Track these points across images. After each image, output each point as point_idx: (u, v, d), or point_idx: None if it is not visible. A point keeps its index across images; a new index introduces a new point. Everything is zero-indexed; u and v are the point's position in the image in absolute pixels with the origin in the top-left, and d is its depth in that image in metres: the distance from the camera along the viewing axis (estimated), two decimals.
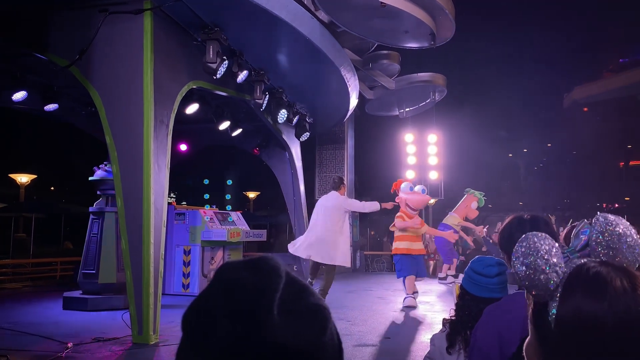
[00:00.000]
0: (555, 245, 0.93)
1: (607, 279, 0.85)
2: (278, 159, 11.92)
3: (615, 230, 0.94)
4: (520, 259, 0.92)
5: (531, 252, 0.91)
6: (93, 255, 7.52)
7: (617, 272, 0.86)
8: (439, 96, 13.82)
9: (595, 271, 0.87)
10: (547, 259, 0.90)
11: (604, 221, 0.95)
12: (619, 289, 0.83)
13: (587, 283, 0.86)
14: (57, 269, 12.80)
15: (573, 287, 0.88)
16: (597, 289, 0.85)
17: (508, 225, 2.27)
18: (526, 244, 0.93)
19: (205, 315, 0.60)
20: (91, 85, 5.71)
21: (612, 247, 0.93)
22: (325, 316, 0.63)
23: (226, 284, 0.60)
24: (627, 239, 0.93)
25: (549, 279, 0.89)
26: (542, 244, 0.92)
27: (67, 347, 5.01)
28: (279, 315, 0.58)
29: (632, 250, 0.93)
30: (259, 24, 6.80)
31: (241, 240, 9.56)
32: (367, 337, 5.75)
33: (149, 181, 5.44)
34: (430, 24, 8.44)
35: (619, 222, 0.96)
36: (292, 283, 0.63)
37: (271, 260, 0.63)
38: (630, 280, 0.85)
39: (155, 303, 5.43)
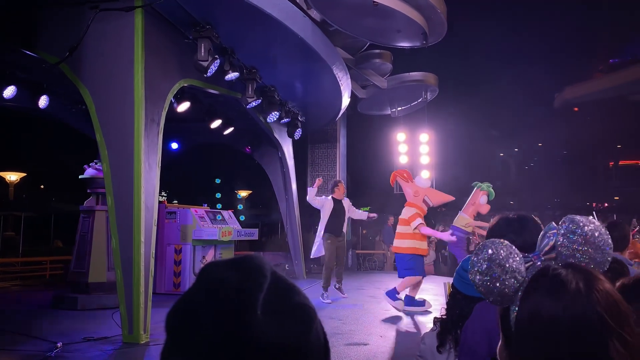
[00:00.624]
0: (514, 251, 0.93)
1: (564, 281, 0.86)
2: (270, 158, 11.89)
3: (582, 232, 0.93)
4: (477, 266, 0.93)
5: (488, 259, 0.92)
6: (83, 254, 7.47)
7: (577, 273, 0.87)
8: (430, 95, 13.85)
9: (555, 273, 0.88)
10: (503, 266, 0.91)
11: (570, 222, 0.95)
12: (574, 291, 0.84)
13: (545, 285, 0.87)
14: (47, 267, 12.71)
15: (532, 289, 0.89)
16: (554, 290, 0.86)
17: (496, 226, 2.27)
18: (484, 251, 0.94)
19: (189, 315, 0.59)
20: (81, 82, 5.67)
21: (578, 249, 0.93)
22: (311, 315, 0.62)
23: (209, 283, 0.59)
24: (595, 240, 0.93)
25: (506, 285, 0.90)
26: (500, 250, 0.92)
27: (57, 347, 4.97)
28: (263, 315, 0.57)
29: (601, 251, 0.93)
30: (251, 22, 6.77)
31: (232, 239, 9.53)
32: (359, 336, 5.76)
33: (139, 180, 5.41)
34: (423, 23, 8.45)
35: (586, 222, 0.95)
36: (277, 282, 0.62)
37: (256, 259, 0.62)
38: (588, 282, 0.85)
39: (146, 302, 5.41)
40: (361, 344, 5.40)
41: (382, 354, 5.09)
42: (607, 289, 0.86)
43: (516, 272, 0.91)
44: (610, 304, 0.84)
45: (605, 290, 0.85)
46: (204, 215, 9.30)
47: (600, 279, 0.87)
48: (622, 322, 0.83)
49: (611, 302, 0.84)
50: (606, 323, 0.82)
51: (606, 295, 0.85)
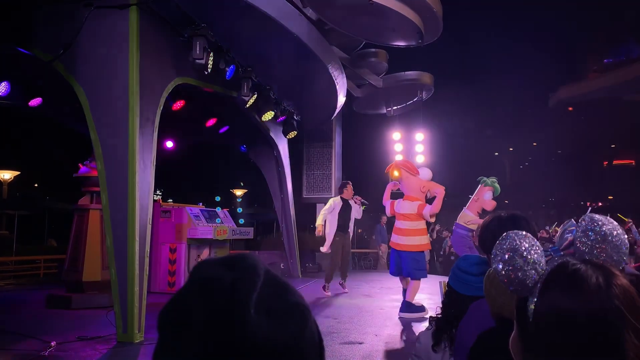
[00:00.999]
0: (536, 244, 0.96)
1: (583, 276, 0.89)
2: (265, 157, 11.87)
3: (600, 230, 0.97)
4: (499, 256, 0.97)
5: (511, 249, 0.95)
6: (77, 253, 7.43)
7: (595, 269, 0.90)
8: (426, 95, 13.88)
9: (574, 269, 0.91)
10: (526, 257, 0.94)
11: (590, 221, 0.99)
12: (594, 286, 0.87)
13: (565, 280, 0.90)
14: (41, 266, 12.65)
15: (551, 283, 0.92)
16: (573, 285, 0.89)
17: (489, 225, 2.29)
18: (507, 241, 0.97)
19: (182, 314, 0.59)
20: (75, 80, 5.64)
21: (596, 247, 0.96)
22: (305, 315, 0.62)
23: (202, 282, 0.58)
24: (613, 238, 0.96)
25: (527, 276, 0.93)
26: (522, 242, 0.96)
27: (51, 346, 4.94)
28: (256, 314, 0.57)
29: (617, 250, 0.97)
30: (246, 21, 6.76)
31: (228, 238, 9.51)
32: (354, 335, 5.76)
33: (134, 178, 5.39)
34: (418, 22, 8.46)
35: (605, 222, 0.99)
36: (271, 281, 0.62)
37: (249, 257, 0.62)
38: (607, 277, 0.88)
39: (141, 301, 5.39)
40: (356, 343, 5.40)
41: (377, 353, 5.09)
42: (624, 284, 0.89)
43: (537, 264, 0.94)
44: (627, 298, 0.87)
45: (623, 285, 0.88)
46: (199, 214, 9.28)
47: (618, 275, 0.90)
48: (638, 315, 0.87)
49: (628, 297, 0.88)
50: (624, 316, 0.85)
51: (624, 290, 0.88)
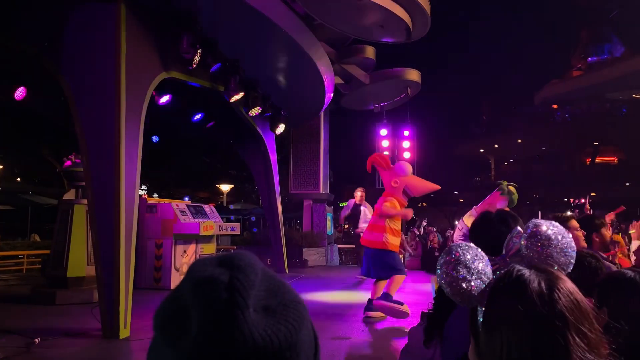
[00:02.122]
0: (480, 254, 0.97)
1: (526, 282, 0.90)
2: (252, 152, 11.82)
3: (545, 236, 0.98)
4: (443, 268, 0.97)
5: (454, 261, 0.96)
6: (62, 248, 7.35)
7: (539, 274, 0.91)
8: (413, 91, 13.93)
9: (518, 274, 0.92)
10: (469, 267, 0.95)
11: (534, 226, 1.00)
12: (537, 290, 0.89)
13: (509, 286, 0.92)
14: (24, 262, 12.49)
15: (497, 290, 0.94)
16: (517, 291, 0.90)
17: (477, 223, 2.31)
18: (450, 254, 0.98)
19: (178, 313, 0.59)
20: (61, 74, 5.56)
21: (541, 252, 0.98)
22: (302, 313, 0.62)
23: (199, 281, 0.58)
24: (558, 242, 0.98)
25: (472, 286, 0.94)
26: (465, 253, 0.96)
27: (35, 342, 4.89)
28: (254, 312, 0.57)
29: (564, 254, 0.98)
30: (234, 15, 6.72)
31: (214, 233, 9.47)
32: (341, 330, 5.78)
33: (119, 173, 5.34)
34: (406, 19, 8.48)
35: (550, 227, 1.00)
36: (268, 279, 0.62)
37: (246, 256, 0.62)
38: (550, 281, 0.90)
39: (127, 297, 5.35)
40: (343, 338, 5.42)
41: (364, 348, 5.12)
42: (568, 288, 0.90)
43: (482, 274, 0.95)
44: (571, 302, 0.88)
45: (567, 289, 0.90)
46: (185, 210, 9.22)
47: (562, 279, 0.91)
48: (582, 319, 0.88)
49: (572, 300, 0.89)
50: (567, 320, 0.86)
51: (567, 293, 0.89)
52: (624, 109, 38.74)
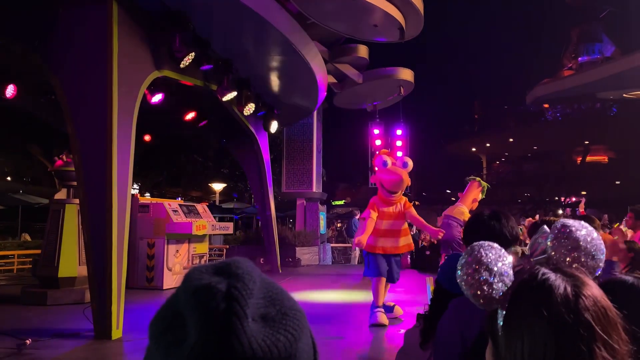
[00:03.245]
0: (503, 254, 0.92)
1: (552, 287, 0.84)
2: (245, 151, 11.80)
3: (573, 236, 0.93)
4: (464, 269, 0.92)
5: (476, 261, 0.91)
6: (53, 248, 7.29)
7: (566, 278, 0.85)
8: (406, 90, 13.95)
9: (543, 278, 0.86)
10: (491, 269, 0.89)
11: (562, 226, 0.94)
12: (562, 296, 0.83)
13: (533, 291, 0.86)
14: (15, 262, 12.38)
15: (520, 295, 0.88)
16: (541, 296, 0.84)
17: (472, 222, 2.32)
18: (471, 254, 0.92)
19: (175, 322, 0.57)
20: (52, 72, 5.51)
21: (569, 254, 0.92)
22: (301, 321, 0.61)
23: (197, 290, 0.56)
24: (587, 245, 0.93)
25: (494, 289, 0.89)
26: (488, 253, 0.91)
27: (26, 343, 4.85)
28: (253, 321, 0.56)
29: (592, 257, 0.92)
30: (226, 13, 6.69)
31: (207, 233, 9.44)
32: (334, 330, 5.77)
33: (112, 172, 5.30)
34: (400, 18, 8.49)
35: (579, 228, 0.94)
36: (266, 287, 0.61)
37: (244, 263, 0.60)
38: (576, 287, 0.84)
39: (119, 297, 5.32)
40: (336, 338, 5.42)
41: (357, 348, 5.12)
42: (595, 295, 0.84)
43: (504, 276, 0.90)
44: (598, 311, 0.82)
45: (594, 296, 0.83)
46: (178, 209, 9.18)
47: (589, 285, 0.85)
48: (609, 329, 0.82)
49: (599, 309, 0.83)
50: (593, 330, 0.80)
51: (594, 301, 0.83)
52: (614, 108, 39.06)
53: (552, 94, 38.45)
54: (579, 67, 42.75)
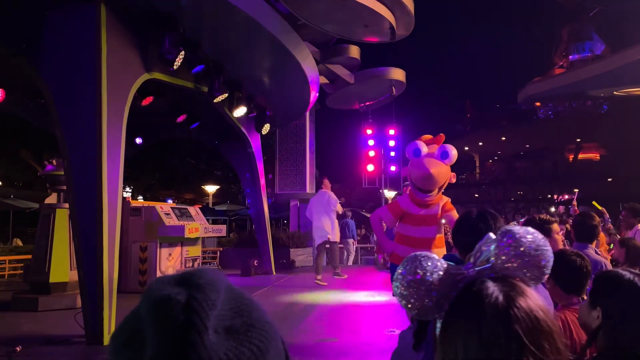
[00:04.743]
0: (439, 265, 0.90)
1: (484, 296, 0.83)
2: (238, 153, 11.75)
3: (518, 245, 0.90)
4: (399, 281, 0.90)
5: (414, 273, 0.89)
6: (44, 254, 7.21)
7: (502, 288, 0.84)
8: (398, 90, 13.96)
9: (479, 287, 0.85)
10: (427, 280, 0.88)
11: (507, 234, 0.92)
12: (492, 307, 0.81)
13: (468, 299, 0.85)
14: (6, 267, 12.27)
15: (456, 302, 0.87)
16: (474, 305, 0.83)
17: (461, 222, 2.32)
18: (408, 265, 0.91)
19: (135, 336, 0.55)
20: (40, 76, 5.45)
21: (512, 262, 0.89)
22: (269, 333, 0.58)
23: (156, 301, 0.54)
24: (531, 252, 0.90)
25: (430, 299, 0.88)
26: (430, 264, 0.90)
27: (17, 350, 4.78)
28: (216, 334, 0.53)
29: (536, 266, 0.90)
30: (216, 15, 6.65)
31: (200, 235, 9.38)
32: (328, 332, 5.75)
33: (102, 176, 5.25)
34: (390, 19, 8.48)
35: (524, 235, 0.91)
36: (234, 298, 0.58)
37: (208, 273, 0.57)
38: (509, 297, 0.82)
39: (111, 302, 5.26)
40: (331, 340, 5.39)
41: (353, 349, 5.09)
42: (529, 305, 0.82)
43: (440, 286, 0.88)
44: (529, 322, 0.80)
45: (527, 307, 0.81)
46: (170, 212, 9.12)
47: (525, 295, 0.83)
48: (541, 340, 0.79)
49: (531, 319, 0.80)
50: (522, 343, 0.78)
51: (527, 312, 0.81)
52: (605, 106, 39.33)
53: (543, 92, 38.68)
54: (570, 65, 43.02)
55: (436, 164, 4.42)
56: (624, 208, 6.54)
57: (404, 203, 4.72)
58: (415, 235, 4.62)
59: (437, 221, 4.63)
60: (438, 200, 4.61)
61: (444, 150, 4.54)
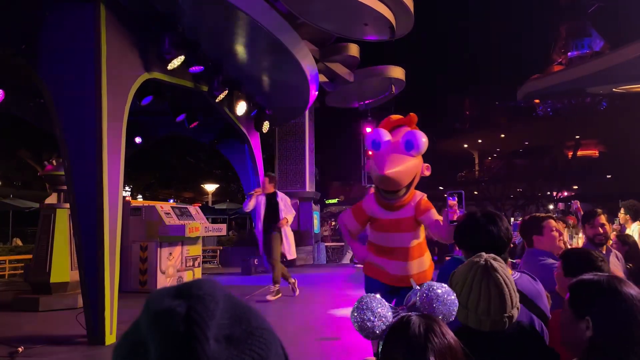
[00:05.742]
0: (384, 303, 1.32)
1: (409, 325, 1.21)
2: (237, 152, 11.75)
3: (434, 293, 1.34)
4: (355, 313, 1.32)
5: (365, 307, 1.30)
6: (44, 254, 7.21)
7: (422, 320, 1.22)
8: (397, 88, 13.95)
9: (407, 319, 1.24)
10: (374, 312, 1.29)
11: (428, 286, 1.36)
12: (415, 332, 1.19)
13: (398, 328, 1.24)
14: (6, 267, 12.27)
15: (391, 330, 1.26)
16: (401, 331, 1.22)
17: (465, 223, 2.32)
18: (362, 302, 1.32)
19: (137, 349, 0.56)
20: (39, 76, 5.43)
21: (431, 304, 1.32)
22: (269, 339, 0.60)
23: (156, 314, 0.55)
24: (444, 299, 1.33)
25: (375, 326, 1.28)
26: (375, 303, 1.31)
27: (18, 351, 4.79)
28: (216, 344, 0.54)
29: (448, 307, 1.34)
30: (215, 14, 6.64)
31: (200, 235, 9.39)
32: (330, 331, 5.76)
33: (102, 176, 5.24)
34: (390, 17, 8.47)
35: (440, 287, 1.36)
36: (232, 307, 0.59)
37: (206, 283, 0.59)
38: (428, 327, 1.20)
39: (112, 302, 5.27)
40: (333, 339, 5.40)
41: (355, 348, 5.10)
42: (443, 331, 1.20)
43: (383, 317, 1.28)
44: (442, 346, 1.17)
45: (441, 333, 1.20)
46: (170, 211, 9.12)
47: (440, 325, 1.22)
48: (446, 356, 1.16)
49: (444, 343, 1.18)
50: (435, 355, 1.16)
51: (441, 337, 1.19)
52: (604, 102, 39.35)
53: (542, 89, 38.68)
54: (569, 62, 43.04)
55: (396, 161, 3.49)
56: (622, 205, 6.56)
57: (369, 206, 3.85)
58: (388, 245, 3.78)
59: (413, 226, 3.73)
60: (409, 200, 3.70)
61: (408, 140, 3.57)
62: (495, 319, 1.62)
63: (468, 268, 1.70)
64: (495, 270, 1.65)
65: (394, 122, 3.80)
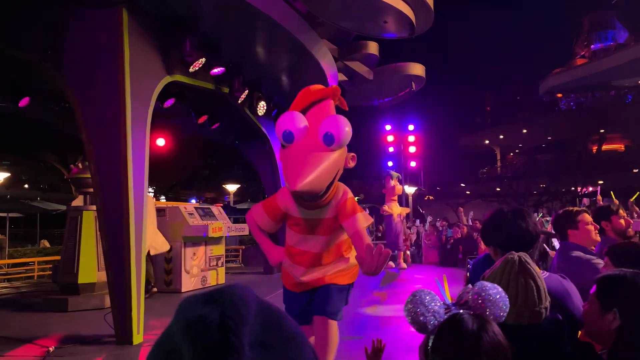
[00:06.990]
0: (436, 299, 1.38)
1: (462, 323, 1.29)
2: (258, 152, 11.82)
3: (487, 294, 1.37)
4: (410, 305, 1.38)
5: (418, 302, 1.36)
6: (72, 255, 7.36)
7: (475, 319, 1.30)
8: (417, 86, 13.85)
9: (460, 318, 1.31)
10: (428, 307, 1.35)
11: (480, 286, 1.40)
12: (468, 330, 1.27)
13: (451, 325, 1.31)
14: (35, 268, 12.55)
15: (443, 326, 1.32)
16: (454, 329, 1.29)
17: (491, 219, 2.31)
18: (416, 296, 1.38)
19: (171, 357, 0.55)
20: (64, 81, 5.55)
21: (482, 305, 1.36)
22: (301, 343, 0.59)
23: (189, 322, 0.54)
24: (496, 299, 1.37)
25: (428, 321, 1.34)
26: (427, 298, 1.37)
27: (49, 351, 4.90)
28: (250, 350, 0.54)
29: (498, 307, 1.38)
30: (236, 16, 6.69)
31: (223, 235, 9.47)
32: (352, 330, 5.75)
33: (127, 178, 5.33)
34: (409, 13, 8.42)
35: (492, 287, 1.39)
36: (263, 312, 0.59)
37: (237, 290, 0.58)
38: (480, 325, 1.28)
39: (139, 302, 5.35)
40: (355, 337, 5.40)
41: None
42: (494, 330, 1.29)
43: (435, 313, 1.34)
44: (493, 343, 1.26)
45: (493, 332, 1.28)
46: (194, 212, 9.22)
47: (491, 324, 1.30)
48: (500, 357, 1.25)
49: (495, 342, 1.26)
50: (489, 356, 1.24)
51: (492, 335, 1.27)
52: (629, 95, 38.47)
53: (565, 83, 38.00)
54: (592, 55, 42.18)
55: (312, 164, 2.74)
56: None
57: (284, 201, 3.17)
58: (299, 248, 3.21)
59: (332, 228, 3.11)
60: (330, 198, 3.04)
61: (328, 132, 2.83)
62: (534, 310, 1.64)
63: (503, 265, 1.73)
64: (529, 264, 1.70)
65: (313, 94, 3.11)
